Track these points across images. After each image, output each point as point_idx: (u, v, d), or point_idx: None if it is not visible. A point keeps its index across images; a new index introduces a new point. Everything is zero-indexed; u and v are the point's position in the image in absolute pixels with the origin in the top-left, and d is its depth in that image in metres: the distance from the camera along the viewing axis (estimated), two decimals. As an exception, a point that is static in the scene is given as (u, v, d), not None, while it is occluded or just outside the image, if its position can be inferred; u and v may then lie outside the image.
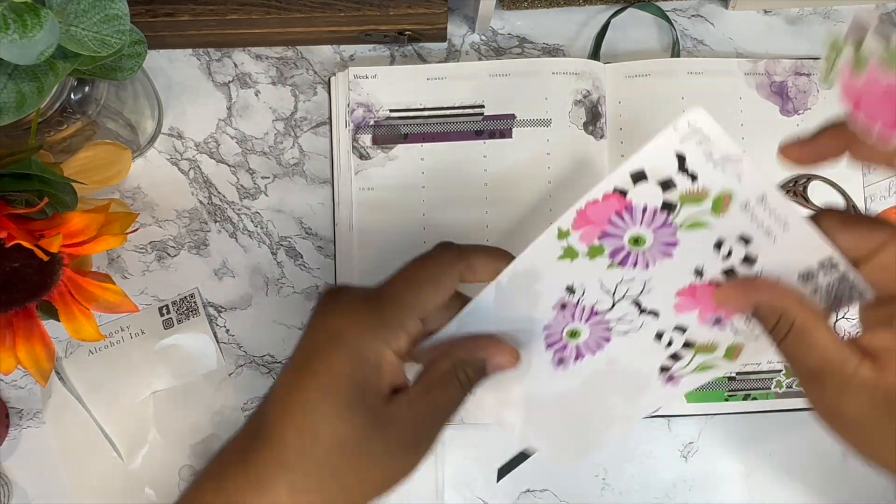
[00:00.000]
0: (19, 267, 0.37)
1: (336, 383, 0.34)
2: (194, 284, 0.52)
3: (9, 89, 0.36)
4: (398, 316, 0.35)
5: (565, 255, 0.37)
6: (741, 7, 0.54)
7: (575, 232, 0.36)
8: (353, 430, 0.33)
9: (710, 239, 0.36)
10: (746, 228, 0.35)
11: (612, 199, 0.35)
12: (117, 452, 0.51)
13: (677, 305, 0.38)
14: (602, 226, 0.36)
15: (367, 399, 0.34)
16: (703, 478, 0.52)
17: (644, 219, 0.35)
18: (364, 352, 0.34)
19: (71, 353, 0.51)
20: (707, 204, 0.35)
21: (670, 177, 0.34)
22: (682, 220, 0.35)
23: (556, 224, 0.36)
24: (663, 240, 0.36)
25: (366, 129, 0.51)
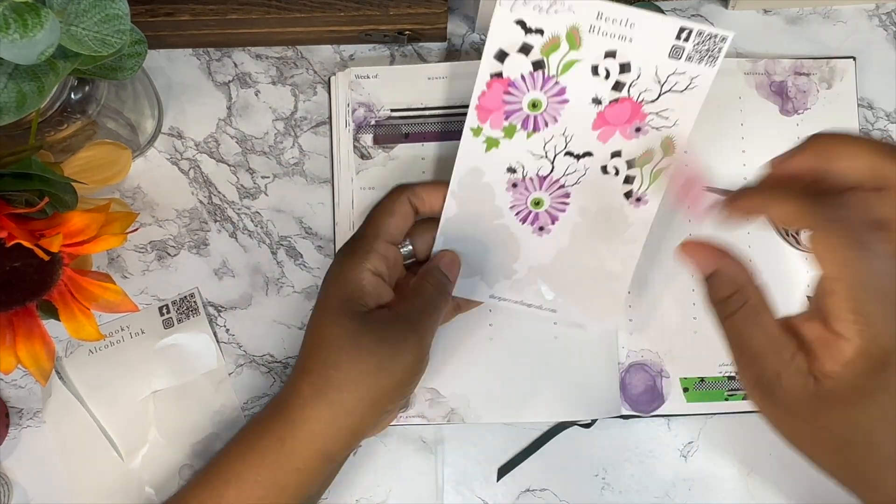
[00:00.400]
0: (20, 266, 0.37)
1: (329, 300, 0.44)
2: (194, 284, 0.52)
3: (9, 89, 0.36)
4: (366, 243, 0.44)
5: (489, 146, 0.44)
6: (741, 7, 0.54)
7: (484, 124, 0.43)
8: (344, 331, 0.42)
9: (586, 69, 0.41)
10: (605, 45, 0.40)
11: (494, 84, 0.41)
12: (117, 452, 0.51)
13: (600, 136, 0.44)
14: (500, 107, 0.42)
15: (353, 307, 0.43)
16: (703, 478, 0.52)
17: (527, 85, 0.41)
18: (346, 274, 0.44)
19: (71, 353, 0.51)
20: (564, 45, 0.40)
21: (523, 41, 0.40)
22: (556, 69, 0.41)
23: (467, 126, 0.43)
24: (553, 92, 0.42)
25: (367, 128, 0.51)
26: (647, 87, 0.42)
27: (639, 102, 0.43)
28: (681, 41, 0.41)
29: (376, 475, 0.51)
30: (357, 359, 0.42)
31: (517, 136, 0.43)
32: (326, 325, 0.43)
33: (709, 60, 0.41)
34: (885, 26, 0.54)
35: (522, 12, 0.39)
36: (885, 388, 0.32)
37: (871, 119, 0.53)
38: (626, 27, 0.40)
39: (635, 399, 0.51)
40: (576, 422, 0.51)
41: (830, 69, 0.53)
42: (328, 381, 0.42)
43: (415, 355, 0.43)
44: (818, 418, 0.33)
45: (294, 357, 0.52)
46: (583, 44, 0.40)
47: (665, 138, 0.44)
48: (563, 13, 0.39)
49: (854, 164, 0.34)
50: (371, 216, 0.46)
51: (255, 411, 0.52)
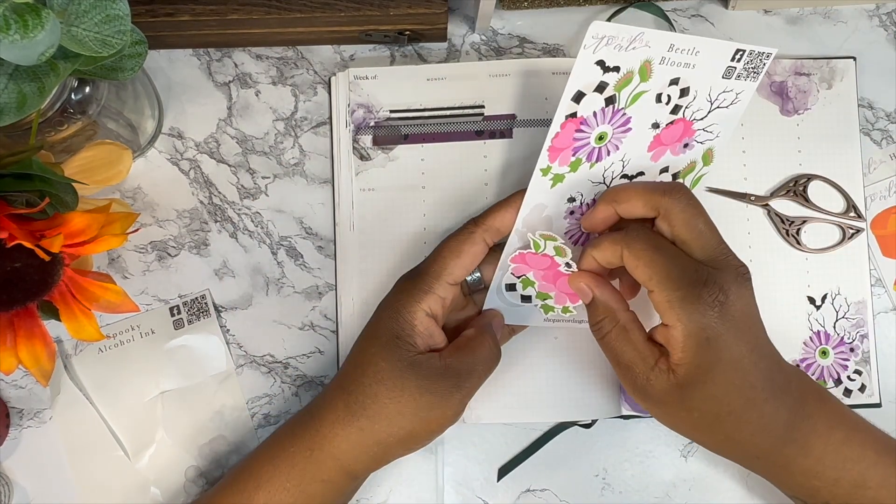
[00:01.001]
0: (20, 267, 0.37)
1: (378, 332, 0.44)
2: (194, 284, 0.52)
3: (10, 89, 0.36)
4: (427, 282, 0.44)
5: (555, 182, 0.43)
6: (741, 7, 0.54)
7: (553, 163, 0.42)
8: (391, 367, 0.42)
9: (651, 98, 0.42)
10: (671, 73, 0.41)
11: (568, 124, 0.41)
12: (124, 451, 0.51)
13: (653, 157, 0.45)
14: (570, 145, 0.42)
15: (401, 346, 0.43)
16: (703, 478, 0.52)
17: (598, 120, 0.41)
18: (400, 311, 0.43)
19: (80, 351, 0.51)
20: (636, 79, 0.41)
21: (600, 80, 0.40)
22: (625, 102, 0.41)
23: (537, 167, 0.42)
24: (619, 124, 0.42)
25: (366, 129, 0.51)
26: (700, 107, 0.44)
27: (690, 121, 0.44)
28: (735, 62, 0.42)
29: (377, 475, 0.51)
30: (397, 399, 0.42)
31: (581, 168, 0.43)
32: (374, 356, 0.43)
33: (753, 76, 0.43)
34: (886, 26, 0.54)
35: (604, 52, 0.39)
36: (719, 359, 0.39)
37: (871, 119, 0.53)
38: (693, 55, 0.41)
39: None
40: (576, 422, 0.51)
41: (830, 69, 0.53)
42: (364, 408, 0.42)
43: (455, 411, 0.43)
44: (684, 403, 0.40)
45: (295, 357, 0.52)
46: (652, 75, 0.41)
47: (707, 150, 0.46)
48: (641, 49, 0.39)
49: (633, 204, 0.42)
50: (439, 251, 0.45)
51: (256, 411, 0.52)
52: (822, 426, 0.41)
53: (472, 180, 0.51)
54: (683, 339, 0.39)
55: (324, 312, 0.52)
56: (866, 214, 0.52)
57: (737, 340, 0.39)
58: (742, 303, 0.39)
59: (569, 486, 0.51)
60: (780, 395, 0.40)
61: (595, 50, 0.38)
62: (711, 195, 0.52)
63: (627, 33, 0.39)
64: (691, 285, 0.39)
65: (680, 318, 0.39)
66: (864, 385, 0.51)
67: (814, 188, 0.52)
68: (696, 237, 0.40)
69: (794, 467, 0.41)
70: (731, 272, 0.40)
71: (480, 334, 0.45)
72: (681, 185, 0.42)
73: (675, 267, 0.39)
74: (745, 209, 0.52)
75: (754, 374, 0.40)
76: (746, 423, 0.40)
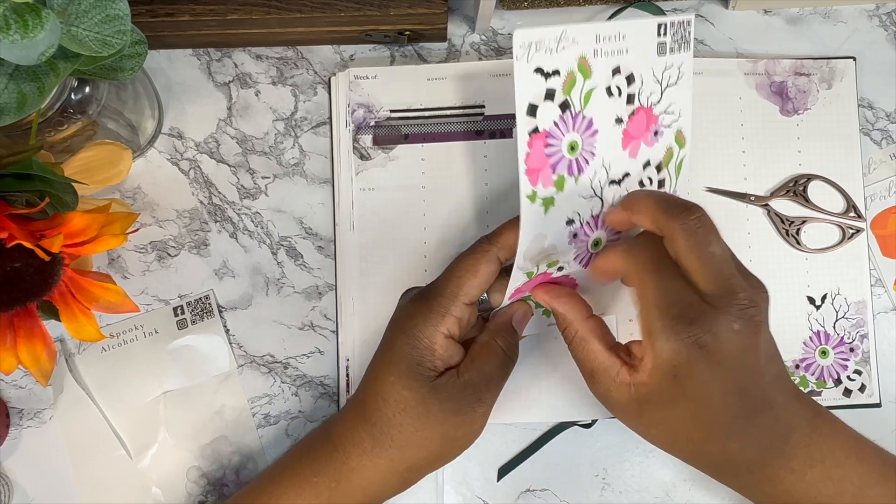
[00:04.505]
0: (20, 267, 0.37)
1: (398, 359, 0.42)
2: (194, 284, 0.52)
3: (10, 89, 0.36)
4: (443, 304, 0.42)
5: (546, 206, 0.41)
6: (741, 7, 0.54)
7: (536, 186, 0.40)
8: (413, 395, 0.41)
9: (602, 94, 0.41)
10: (609, 64, 0.41)
11: (534, 141, 0.40)
12: (126, 450, 0.51)
13: (630, 153, 0.43)
14: (546, 162, 0.40)
15: (422, 372, 0.42)
16: (703, 478, 0.51)
17: (561, 129, 0.40)
18: (418, 335, 0.42)
19: (84, 350, 0.51)
20: (579, 77, 0.40)
21: (546, 88, 0.39)
22: (579, 103, 0.40)
23: (522, 194, 0.40)
24: (583, 128, 0.41)
25: (366, 129, 0.51)
26: (652, 91, 0.43)
27: (649, 107, 0.43)
28: (662, 37, 0.42)
29: (376, 475, 0.51)
30: (422, 426, 0.42)
31: (567, 185, 0.41)
32: (394, 385, 0.42)
33: (685, 46, 0.43)
34: (886, 26, 0.54)
35: (537, 59, 0.38)
36: (683, 394, 0.38)
37: (871, 119, 0.53)
38: (621, 40, 0.41)
39: (635, 399, 0.51)
40: (576, 422, 0.51)
41: (830, 69, 0.53)
42: (391, 439, 0.42)
43: (480, 424, 0.43)
44: (643, 418, 0.41)
45: (295, 357, 0.52)
46: (592, 70, 0.40)
47: (676, 132, 0.45)
48: (570, 47, 0.39)
49: (643, 217, 0.41)
50: (454, 271, 0.43)
51: (256, 411, 0.52)
52: (798, 464, 0.39)
53: (472, 180, 0.51)
54: (651, 368, 0.38)
55: (324, 312, 0.52)
56: (866, 214, 0.52)
57: (712, 381, 0.37)
58: (733, 345, 0.37)
59: (569, 486, 0.51)
60: (754, 434, 0.39)
61: (528, 59, 0.38)
62: (711, 195, 0.52)
63: (552, 34, 0.38)
64: (675, 319, 0.37)
65: (653, 348, 0.38)
66: (863, 385, 0.51)
67: (814, 188, 0.52)
68: (700, 267, 0.38)
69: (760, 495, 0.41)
70: (732, 312, 0.37)
71: (491, 339, 0.44)
72: (693, 206, 0.39)
73: (665, 296, 0.38)
74: (745, 209, 0.52)
75: (724, 413, 0.38)
76: (705, 454, 0.40)
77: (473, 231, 0.51)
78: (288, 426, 0.51)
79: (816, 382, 0.51)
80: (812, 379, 0.51)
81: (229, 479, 0.51)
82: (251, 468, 0.51)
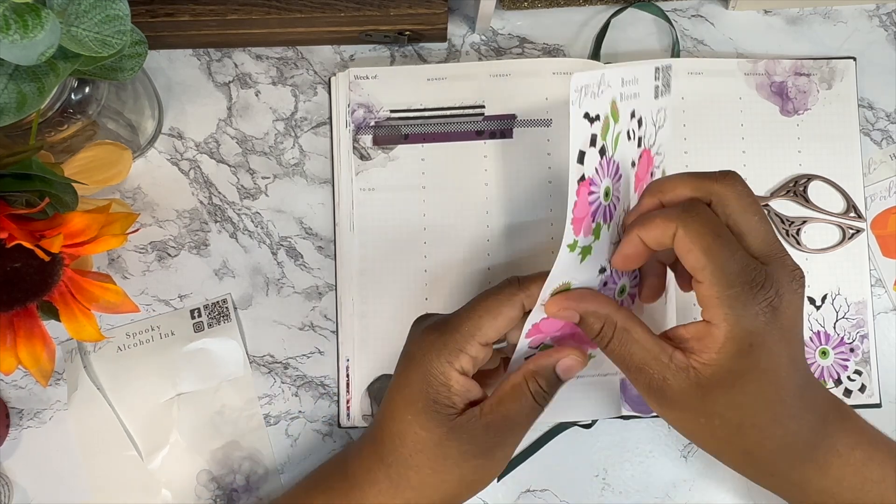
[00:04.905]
0: (20, 267, 0.37)
1: (414, 396, 0.40)
2: (194, 284, 0.52)
3: (10, 90, 0.36)
4: (458, 342, 0.40)
5: (584, 256, 0.39)
6: (741, 7, 0.54)
7: (578, 236, 0.38)
8: (430, 436, 0.39)
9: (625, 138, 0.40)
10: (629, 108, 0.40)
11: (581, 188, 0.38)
12: (137, 451, 0.51)
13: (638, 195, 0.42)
14: (588, 210, 0.39)
15: (440, 410, 0.39)
16: (703, 478, 0.52)
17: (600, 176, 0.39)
18: (432, 371, 0.40)
19: (99, 349, 0.51)
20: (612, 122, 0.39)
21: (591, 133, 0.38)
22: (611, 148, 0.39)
23: (563, 243, 0.38)
24: (613, 173, 0.40)
25: (366, 129, 0.51)
26: (650, 133, 0.43)
27: (649, 149, 0.43)
28: (656, 80, 0.42)
29: (376, 475, 0.51)
30: (440, 468, 0.40)
31: (602, 232, 0.40)
32: (411, 425, 0.40)
33: (667, 90, 0.43)
34: (886, 26, 0.54)
35: (586, 104, 0.37)
36: (755, 367, 0.36)
37: (871, 119, 0.53)
38: (636, 84, 0.41)
39: (636, 399, 0.51)
40: (576, 422, 0.51)
41: (830, 69, 0.53)
42: (408, 480, 0.41)
43: (499, 468, 0.42)
44: (705, 406, 0.37)
45: (295, 357, 0.52)
46: (620, 114, 0.40)
47: (662, 172, 0.45)
48: (606, 90, 0.38)
49: (681, 189, 0.38)
50: (475, 309, 0.40)
51: (257, 412, 0.51)
52: (842, 446, 0.38)
53: (472, 180, 0.51)
54: (724, 341, 0.35)
55: (324, 312, 0.52)
56: (866, 214, 0.52)
57: (779, 350, 0.36)
58: (792, 310, 0.36)
59: (569, 486, 0.51)
60: (805, 413, 0.38)
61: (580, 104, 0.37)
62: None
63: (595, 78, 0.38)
64: (747, 284, 0.35)
65: (727, 318, 0.35)
66: (864, 385, 0.51)
67: (814, 188, 0.52)
68: (755, 227, 0.37)
69: (810, 487, 0.39)
70: (786, 274, 0.36)
71: (524, 381, 0.40)
72: (733, 172, 0.38)
73: (733, 261, 0.36)
74: (745, 209, 0.52)
75: (787, 388, 0.37)
76: (769, 438, 0.37)
77: (473, 231, 0.51)
78: (288, 426, 0.51)
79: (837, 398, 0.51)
80: (812, 379, 0.51)
81: (239, 484, 0.51)
82: (261, 474, 0.51)
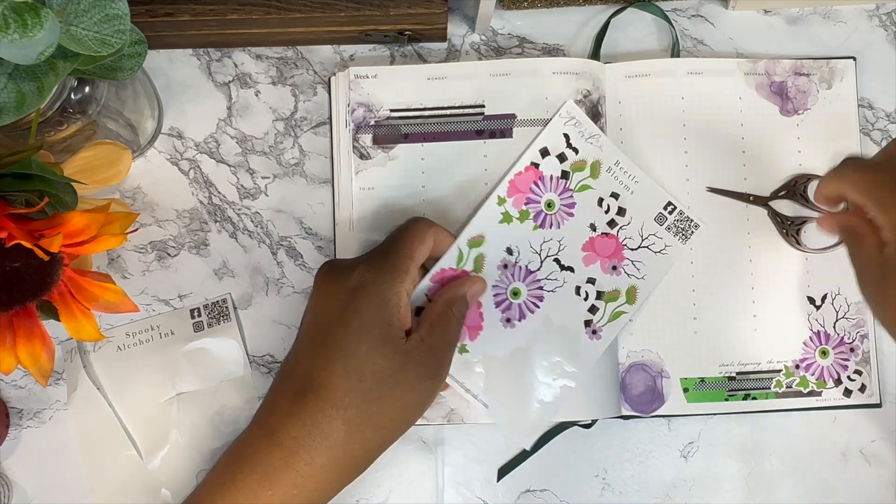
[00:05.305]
0: (19, 267, 0.37)
1: (368, 325, 0.40)
2: (194, 284, 0.52)
3: (9, 89, 0.36)
4: (405, 264, 0.42)
5: (504, 220, 0.48)
6: (741, 7, 0.54)
7: (509, 198, 0.48)
8: (389, 363, 0.40)
9: (594, 198, 0.49)
10: (614, 186, 0.49)
11: (531, 171, 0.49)
12: (137, 450, 0.51)
13: (584, 259, 0.49)
14: (526, 192, 0.48)
15: (394, 335, 0.40)
16: (703, 478, 0.52)
17: (551, 186, 0.49)
18: (387, 295, 0.40)
19: (99, 348, 0.51)
20: (587, 171, 0.49)
21: (563, 151, 0.49)
22: (575, 185, 0.49)
23: (496, 192, 0.48)
24: (565, 202, 0.49)
25: (366, 128, 0.51)
26: (632, 236, 0.50)
27: (622, 244, 0.50)
28: (665, 212, 0.50)
29: (376, 475, 0.51)
30: (400, 396, 0.40)
31: (527, 222, 0.48)
32: (368, 356, 0.39)
33: (682, 237, 0.50)
34: (886, 26, 0.54)
35: (570, 129, 0.49)
36: None
37: (871, 119, 0.53)
38: (632, 181, 0.49)
39: (635, 399, 0.51)
40: (576, 422, 0.51)
41: (830, 69, 0.53)
42: (368, 419, 0.39)
43: (441, 387, 0.44)
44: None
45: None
46: (600, 177, 0.49)
47: (631, 287, 0.50)
48: (595, 147, 0.49)
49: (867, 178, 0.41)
50: (400, 238, 0.44)
51: (255, 411, 0.51)
52: None
53: (472, 180, 0.51)
54: None
55: (323, 312, 0.52)
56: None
57: None
58: None
59: (569, 486, 0.51)
60: None
61: (565, 123, 0.49)
62: (711, 195, 0.52)
63: (589, 127, 0.49)
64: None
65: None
66: (864, 385, 0.51)
67: (814, 188, 0.52)
68: None
69: None
70: None
71: (450, 304, 0.44)
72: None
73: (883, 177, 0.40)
74: (745, 209, 0.52)
75: None
76: None
77: (473, 231, 0.51)
78: (288, 426, 0.51)
79: (816, 382, 0.51)
80: (812, 379, 0.51)
81: (230, 479, 0.51)
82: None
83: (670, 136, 0.52)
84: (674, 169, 0.52)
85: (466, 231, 0.47)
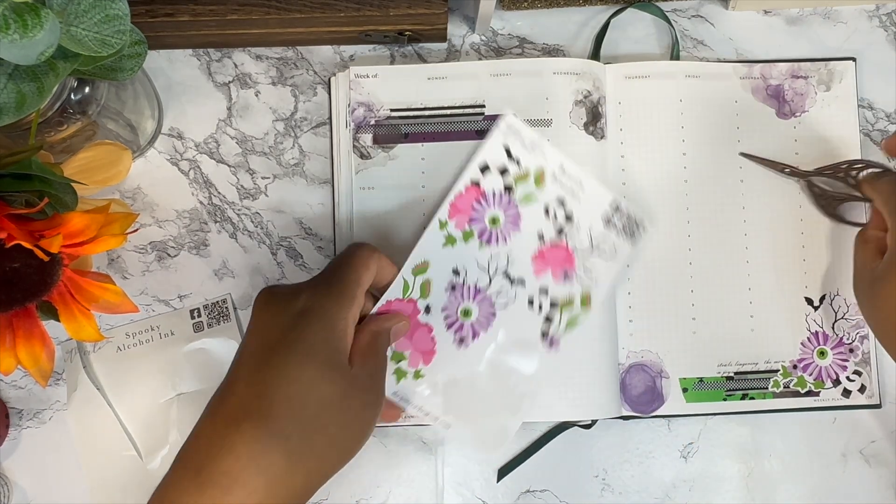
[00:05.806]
0: (19, 267, 0.37)
1: (314, 350, 0.37)
2: (194, 284, 0.52)
3: (9, 89, 0.36)
4: (352, 290, 0.40)
5: (447, 242, 0.48)
6: (741, 7, 0.54)
7: (451, 220, 0.48)
8: (336, 389, 0.37)
9: (540, 207, 0.49)
10: (559, 193, 0.49)
11: (472, 190, 0.49)
12: (137, 451, 0.51)
13: (535, 270, 0.49)
14: (468, 213, 0.48)
15: (341, 360, 0.38)
16: (703, 478, 0.52)
17: (495, 201, 0.49)
18: (334, 320, 0.38)
19: (99, 349, 0.51)
20: (531, 181, 0.49)
21: (504, 164, 0.49)
22: (519, 197, 0.49)
23: (437, 216, 0.48)
24: (511, 215, 0.49)
25: (367, 128, 0.51)
26: (582, 242, 0.49)
27: (571, 251, 0.49)
28: (612, 211, 0.49)
29: (376, 475, 0.51)
30: (346, 424, 0.37)
31: (471, 242, 0.48)
32: (314, 381, 0.36)
33: (629, 237, 0.50)
34: (886, 27, 0.54)
35: (511, 141, 0.49)
36: None
37: (871, 120, 0.53)
38: (578, 185, 0.49)
39: (635, 399, 0.51)
40: (576, 422, 0.51)
41: (829, 72, 0.53)
42: (311, 449, 0.36)
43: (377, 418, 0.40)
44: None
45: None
46: (545, 186, 0.49)
47: (585, 293, 0.49)
48: (538, 155, 0.49)
49: None
50: (345, 264, 0.41)
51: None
52: None
53: (471, 180, 0.51)
54: None
55: (323, 313, 0.52)
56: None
57: None
58: None
59: (569, 486, 0.51)
60: None
61: (506, 135, 0.49)
62: (708, 196, 0.52)
63: (531, 136, 0.49)
64: None
65: None
66: (863, 386, 0.51)
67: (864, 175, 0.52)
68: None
69: None
70: None
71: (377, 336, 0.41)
72: None
73: None
74: (742, 210, 0.52)
75: None
76: None
77: (473, 231, 0.51)
78: (287, 426, 0.51)
79: (814, 383, 0.51)
80: (810, 379, 0.51)
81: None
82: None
83: (669, 137, 0.52)
84: (672, 169, 0.52)
85: (410, 259, 0.46)
